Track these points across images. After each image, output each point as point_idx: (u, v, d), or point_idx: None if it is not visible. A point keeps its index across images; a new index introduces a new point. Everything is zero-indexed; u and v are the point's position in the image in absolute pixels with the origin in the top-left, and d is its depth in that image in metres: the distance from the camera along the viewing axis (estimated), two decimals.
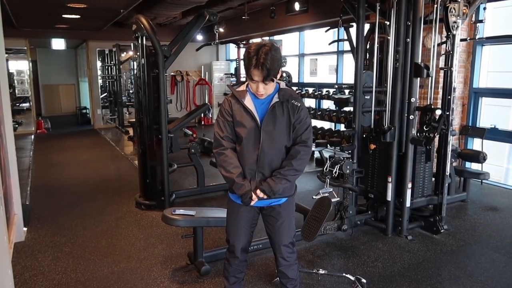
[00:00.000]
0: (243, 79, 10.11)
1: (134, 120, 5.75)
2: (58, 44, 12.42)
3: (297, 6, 6.87)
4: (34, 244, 3.75)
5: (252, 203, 2.24)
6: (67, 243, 3.77)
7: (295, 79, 8.95)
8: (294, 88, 7.35)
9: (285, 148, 2.24)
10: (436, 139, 3.82)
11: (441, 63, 4.04)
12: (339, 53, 8.19)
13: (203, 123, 11.53)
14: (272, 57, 2.02)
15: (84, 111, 12.89)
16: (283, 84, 2.25)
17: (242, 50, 10.28)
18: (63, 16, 7.67)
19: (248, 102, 2.19)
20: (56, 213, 4.56)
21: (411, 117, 3.69)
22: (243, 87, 2.24)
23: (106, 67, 11.58)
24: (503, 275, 3.16)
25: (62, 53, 13.86)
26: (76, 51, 13.87)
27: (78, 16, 7.74)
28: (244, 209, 2.32)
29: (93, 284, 3.03)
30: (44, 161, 7.30)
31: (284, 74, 7.20)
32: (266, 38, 9.68)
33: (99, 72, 11.53)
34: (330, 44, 6.90)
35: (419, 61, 3.65)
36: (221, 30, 8.82)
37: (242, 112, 2.19)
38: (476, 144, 5.84)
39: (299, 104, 2.21)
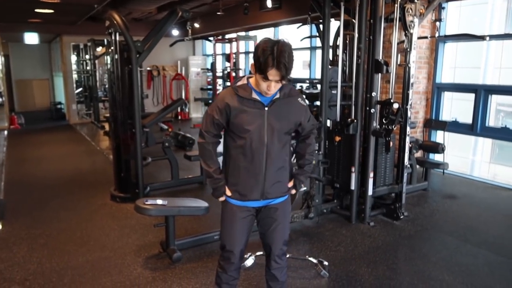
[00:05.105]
0: (219, 74, 10.21)
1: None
2: (31, 38, 12.20)
3: (269, 3, 7.02)
4: (8, 236, 3.82)
5: (221, 198, 2.23)
6: (42, 235, 3.85)
7: None
8: None
9: (284, 144, 2.20)
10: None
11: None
12: (312, 48, 8.40)
13: (180, 117, 11.59)
14: (289, 55, 1.92)
15: (59, 106, 12.72)
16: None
17: (218, 46, 10.37)
18: (36, 10, 7.62)
19: (255, 96, 2.08)
20: (31, 207, 4.62)
21: (372, 110, 3.92)
22: (243, 81, 2.12)
23: (81, 61, 11.47)
24: (453, 255, 3.43)
25: (36, 48, 13.62)
26: (50, 46, 13.65)
27: (51, 11, 7.69)
28: (241, 212, 2.22)
29: (68, 273, 3.14)
30: (18, 156, 7.26)
31: None
32: (242, 33, 9.81)
33: (74, 67, 11.42)
34: (302, 40, 7.12)
35: (380, 57, 3.87)
36: (197, 25, 8.88)
37: (248, 109, 2.06)
38: (439, 136, 6.14)
39: (304, 104, 2.21)
